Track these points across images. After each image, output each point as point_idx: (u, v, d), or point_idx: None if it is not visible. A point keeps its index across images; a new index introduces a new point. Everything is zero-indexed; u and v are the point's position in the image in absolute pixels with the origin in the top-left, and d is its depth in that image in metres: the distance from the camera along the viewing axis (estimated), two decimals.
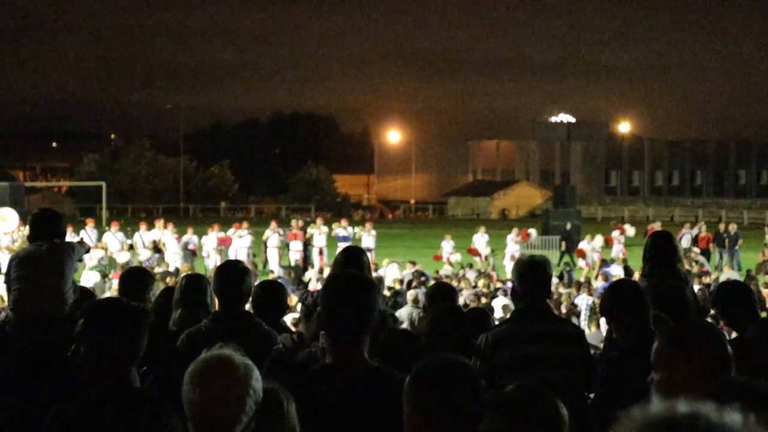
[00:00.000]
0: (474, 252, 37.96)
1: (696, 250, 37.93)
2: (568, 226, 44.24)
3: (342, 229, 38.62)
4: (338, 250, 36.21)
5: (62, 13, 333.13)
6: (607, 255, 37.84)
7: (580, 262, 37.84)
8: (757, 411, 1.88)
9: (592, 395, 6.60)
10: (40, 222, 8.50)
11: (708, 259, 38.29)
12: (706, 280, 28.44)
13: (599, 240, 38.51)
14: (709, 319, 11.80)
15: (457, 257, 37.79)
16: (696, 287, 23.56)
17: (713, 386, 2.98)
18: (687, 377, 4.09)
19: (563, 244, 41.60)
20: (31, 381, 7.53)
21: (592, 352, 7.23)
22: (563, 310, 22.27)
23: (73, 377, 7.16)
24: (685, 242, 39.44)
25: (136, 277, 8.52)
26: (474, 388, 3.67)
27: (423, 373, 3.71)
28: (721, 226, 41.99)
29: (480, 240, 39.28)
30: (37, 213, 8.80)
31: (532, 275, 6.59)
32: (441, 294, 8.20)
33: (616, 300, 6.51)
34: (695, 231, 41.33)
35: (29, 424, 4.84)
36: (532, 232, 41.68)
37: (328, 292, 4.53)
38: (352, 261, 8.15)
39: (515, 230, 39.95)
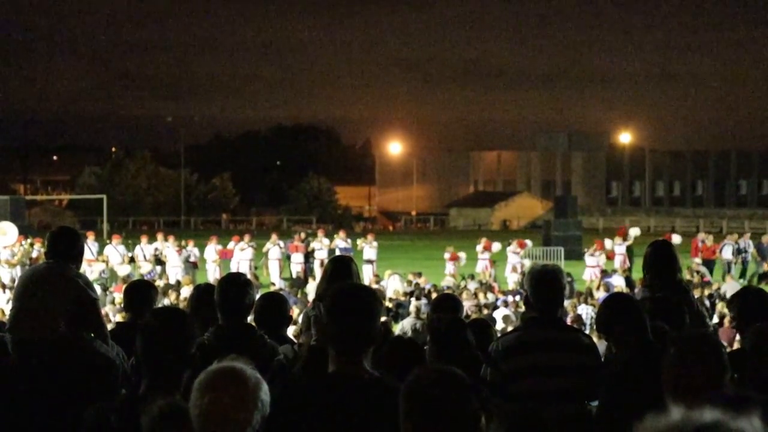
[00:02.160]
0: (454, 257, 38.07)
1: (697, 260, 37.85)
2: (633, 233, 42.31)
3: (341, 240, 38.69)
4: None
5: (62, 27, 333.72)
6: (609, 266, 37.84)
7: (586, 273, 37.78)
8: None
9: (594, 403, 6.59)
10: (57, 240, 8.48)
11: (712, 270, 38.21)
12: (707, 290, 28.46)
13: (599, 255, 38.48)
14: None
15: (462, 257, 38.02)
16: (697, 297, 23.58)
17: (721, 395, 2.99)
18: (694, 383, 4.18)
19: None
20: (27, 402, 7.51)
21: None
22: (568, 321, 22.27)
23: (65, 397, 7.16)
24: (726, 253, 39.23)
25: (140, 291, 8.52)
26: (465, 400, 3.67)
27: (415, 383, 3.72)
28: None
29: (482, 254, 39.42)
30: (55, 231, 8.78)
31: (544, 284, 6.59)
32: (445, 305, 8.19)
33: (612, 315, 6.50)
34: (745, 242, 40.55)
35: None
36: (528, 242, 41.58)
37: (332, 303, 4.58)
38: (341, 269, 8.16)
39: (515, 242, 39.98)
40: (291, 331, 9.28)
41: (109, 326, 14.46)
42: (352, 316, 4.48)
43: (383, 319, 16.65)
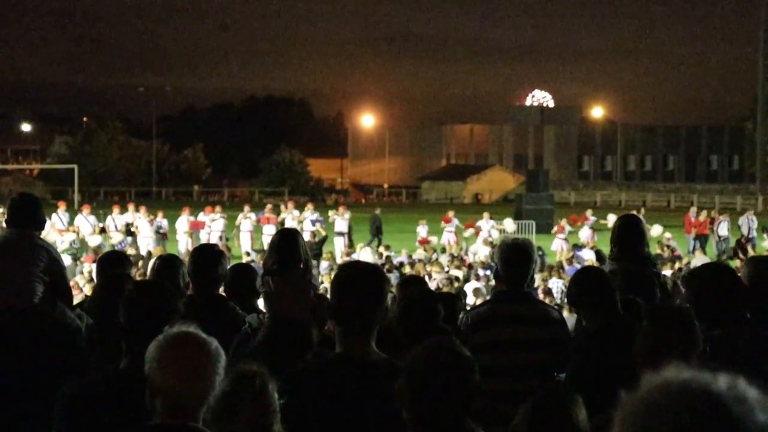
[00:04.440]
0: (424, 242, 38.00)
1: (668, 235, 37.94)
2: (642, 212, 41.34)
3: (309, 212, 38.67)
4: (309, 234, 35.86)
5: None
6: (576, 239, 37.99)
7: (554, 245, 37.83)
8: None
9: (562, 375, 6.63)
10: (18, 208, 8.38)
11: (704, 245, 38.05)
12: (678, 264, 28.59)
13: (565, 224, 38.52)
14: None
15: (433, 239, 38.01)
16: (669, 272, 23.70)
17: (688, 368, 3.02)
18: (666, 355, 4.24)
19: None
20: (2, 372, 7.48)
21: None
22: (540, 294, 22.34)
23: (42, 367, 7.15)
24: (722, 230, 39.00)
25: (114, 262, 8.47)
26: (465, 377, 3.68)
27: (417, 359, 3.74)
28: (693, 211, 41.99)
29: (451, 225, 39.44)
30: (16, 198, 8.65)
31: (514, 258, 6.60)
32: (410, 286, 8.21)
33: (583, 288, 6.54)
34: (749, 219, 39.98)
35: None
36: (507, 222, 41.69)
37: (338, 282, 4.57)
38: (286, 242, 8.17)
39: (486, 214, 39.95)
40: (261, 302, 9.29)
41: (80, 296, 14.44)
42: (360, 295, 4.43)
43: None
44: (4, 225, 8.87)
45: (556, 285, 23.90)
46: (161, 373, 3.62)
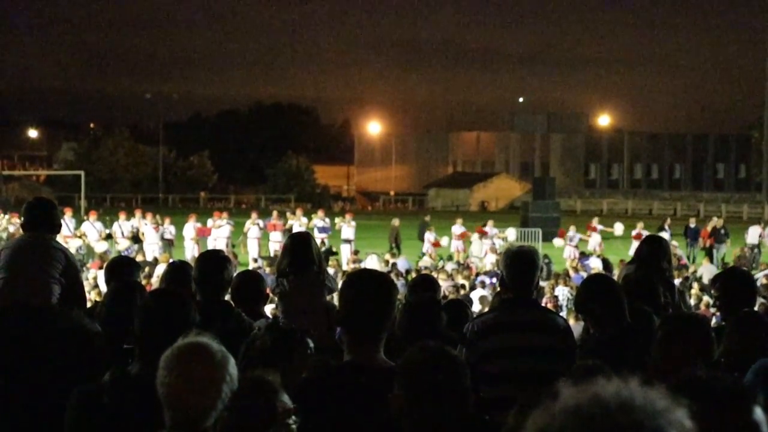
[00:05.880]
0: (436, 244, 38.26)
1: (675, 243, 37.86)
2: (692, 223, 41.80)
3: (319, 220, 38.67)
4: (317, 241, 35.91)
5: (41, 2, 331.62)
6: (584, 247, 37.91)
7: (565, 252, 37.76)
8: (706, 407, 1.88)
9: None
10: (33, 211, 8.44)
11: (713, 254, 37.86)
12: (684, 273, 28.57)
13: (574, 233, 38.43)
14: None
15: (444, 241, 38.16)
16: (677, 281, 23.66)
17: (680, 377, 3.01)
18: (680, 363, 4.25)
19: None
20: (13, 370, 7.49)
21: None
22: (545, 302, 22.33)
23: (56, 366, 7.15)
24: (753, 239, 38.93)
25: (123, 267, 8.48)
26: (458, 378, 3.71)
27: (412, 360, 3.76)
28: (692, 221, 41.93)
29: (458, 231, 39.43)
30: (32, 202, 8.72)
31: (520, 265, 6.57)
32: (423, 286, 8.20)
33: (591, 295, 6.52)
34: None
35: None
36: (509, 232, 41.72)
37: (348, 290, 4.57)
38: (299, 244, 8.15)
39: (491, 222, 39.92)
40: (269, 309, 9.29)
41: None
42: (369, 303, 4.44)
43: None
44: (19, 229, 8.96)
45: (563, 293, 23.89)
46: (167, 384, 3.64)
